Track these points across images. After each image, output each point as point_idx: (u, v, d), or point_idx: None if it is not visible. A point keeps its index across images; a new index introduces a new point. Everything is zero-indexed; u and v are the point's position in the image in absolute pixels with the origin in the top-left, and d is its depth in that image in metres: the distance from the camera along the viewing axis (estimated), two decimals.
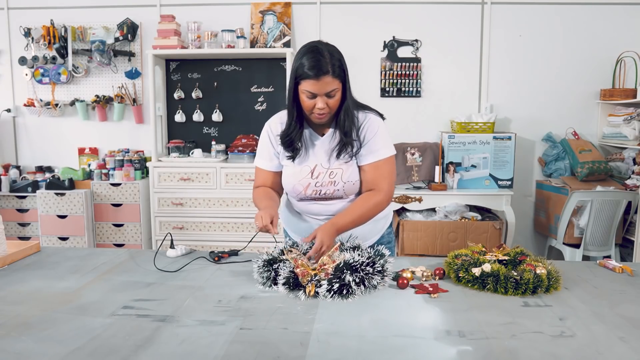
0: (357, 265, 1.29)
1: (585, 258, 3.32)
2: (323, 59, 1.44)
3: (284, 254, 1.38)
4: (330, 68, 1.44)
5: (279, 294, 1.28)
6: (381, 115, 1.64)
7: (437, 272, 1.42)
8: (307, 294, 1.26)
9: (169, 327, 1.08)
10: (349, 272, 1.27)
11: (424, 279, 1.40)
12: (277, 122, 1.64)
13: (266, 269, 1.35)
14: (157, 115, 3.74)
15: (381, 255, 1.39)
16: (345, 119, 1.54)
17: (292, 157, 1.60)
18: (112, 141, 4.03)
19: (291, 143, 1.58)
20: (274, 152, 1.65)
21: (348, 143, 1.55)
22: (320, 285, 1.26)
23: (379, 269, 1.33)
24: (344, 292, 1.25)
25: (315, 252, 1.39)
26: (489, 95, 3.82)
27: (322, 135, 1.61)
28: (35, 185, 3.73)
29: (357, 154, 1.58)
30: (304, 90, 1.47)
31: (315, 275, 1.29)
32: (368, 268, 1.30)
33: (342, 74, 1.48)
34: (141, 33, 3.91)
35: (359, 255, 1.34)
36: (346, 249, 1.42)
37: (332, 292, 1.24)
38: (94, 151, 4.05)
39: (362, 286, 1.28)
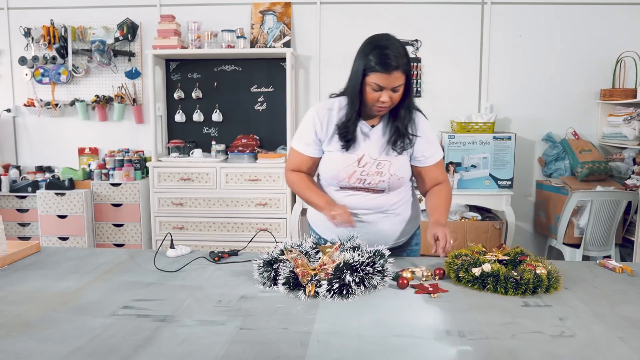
0: (357, 265, 1.29)
1: (585, 258, 3.32)
2: (394, 54, 1.45)
3: (284, 254, 1.38)
4: (402, 63, 1.46)
5: (279, 294, 1.28)
6: (424, 115, 1.68)
7: (437, 272, 1.42)
8: (307, 294, 1.26)
9: (169, 327, 1.08)
10: (349, 272, 1.27)
11: (423, 279, 1.40)
12: (325, 109, 1.63)
13: (266, 269, 1.35)
14: (157, 115, 3.74)
15: (381, 256, 1.39)
16: (406, 115, 1.57)
17: (347, 147, 1.60)
18: (112, 141, 4.03)
19: (347, 133, 1.58)
20: (317, 138, 1.63)
21: (405, 136, 1.58)
22: (320, 285, 1.26)
23: (379, 269, 1.33)
24: (344, 292, 1.25)
25: (443, 249, 1.45)
26: (489, 95, 3.82)
27: (372, 126, 1.62)
28: (35, 185, 3.73)
29: (412, 154, 1.62)
30: (371, 83, 1.48)
31: (315, 275, 1.29)
32: (368, 268, 1.30)
33: (409, 70, 1.50)
34: (141, 33, 3.91)
35: (359, 255, 1.34)
36: (346, 249, 1.42)
37: (332, 292, 1.24)
38: (94, 151, 4.05)
39: (362, 286, 1.28)
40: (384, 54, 1.45)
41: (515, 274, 1.29)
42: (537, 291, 1.27)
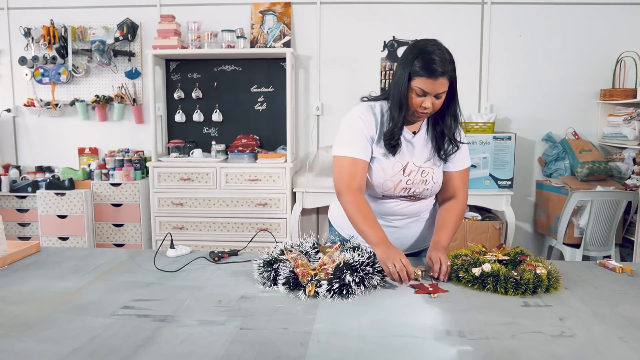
0: (357, 265, 1.29)
1: (585, 258, 3.32)
2: (441, 60, 1.44)
3: (283, 254, 1.38)
4: (447, 69, 1.44)
5: (279, 294, 1.28)
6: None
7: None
8: (307, 294, 1.26)
9: (169, 327, 1.08)
10: (349, 272, 1.27)
11: (415, 277, 1.40)
12: (369, 113, 1.56)
13: (266, 269, 1.35)
14: (157, 115, 3.74)
15: None
16: (451, 122, 1.55)
17: (392, 153, 1.55)
18: (112, 141, 4.03)
19: (392, 139, 1.54)
20: (369, 140, 1.55)
21: (454, 145, 1.57)
22: (320, 285, 1.26)
23: (379, 269, 1.33)
24: (344, 292, 1.25)
25: (439, 272, 1.39)
26: (489, 95, 3.82)
27: (414, 132, 1.60)
28: (35, 185, 3.73)
29: (450, 158, 1.61)
30: (415, 88, 1.45)
31: (315, 275, 1.29)
32: (368, 268, 1.30)
33: (454, 76, 1.47)
34: (141, 33, 3.91)
35: (359, 255, 1.34)
36: (346, 249, 1.42)
37: (332, 292, 1.24)
38: (94, 151, 4.06)
39: (362, 286, 1.27)
40: (430, 59, 1.43)
41: (515, 274, 1.29)
42: (537, 291, 1.27)
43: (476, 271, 1.32)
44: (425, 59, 1.44)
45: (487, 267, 1.32)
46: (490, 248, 1.50)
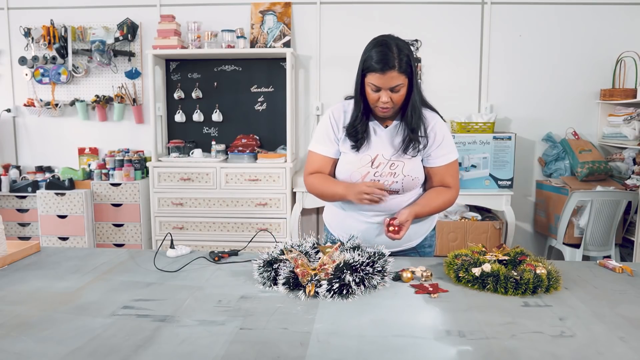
0: (357, 265, 1.29)
1: (585, 258, 3.32)
2: (391, 54, 1.45)
3: (283, 254, 1.38)
4: (397, 63, 1.45)
5: (279, 294, 1.28)
6: (441, 117, 1.66)
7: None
8: (307, 293, 1.26)
9: (169, 327, 1.08)
10: (349, 272, 1.27)
11: (423, 279, 1.40)
12: (341, 110, 1.65)
13: (266, 269, 1.35)
14: (157, 115, 3.75)
15: (381, 255, 1.39)
16: (412, 116, 1.56)
17: (357, 147, 1.60)
18: (112, 141, 4.03)
19: (356, 134, 1.59)
20: (334, 138, 1.65)
21: (414, 139, 1.57)
22: (320, 285, 1.26)
23: (379, 269, 1.33)
24: (344, 292, 1.25)
25: (400, 223, 1.48)
26: (489, 95, 3.82)
27: (386, 126, 1.62)
28: (35, 185, 3.73)
29: (424, 154, 1.61)
30: (369, 83, 1.49)
31: (315, 275, 1.29)
32: (368, 268, 1.30)
33: (408, 70, 1.48)
34: (141, 33, 3.91)
35: (359, 255, 1.34)
36: (346, 249, 1.42)
37: (332, 292, 1.24)
38: (94, 151, 4.06)
39: (362, 286, 1.27)
40: (379, 53, 1.46)
41: (515, 274, 1.29)
42: (537, 291, 1.27)
43: (476, 271, 1.32)
44: (375, 53, 1.47)
45: (487, 267, 1.32)
46: (490, 248, 1.50)
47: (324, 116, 1.69)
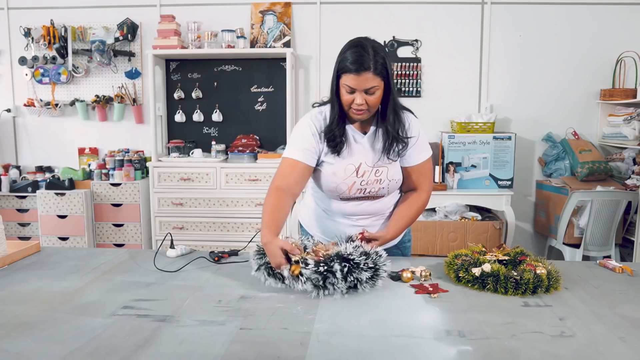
0: (348, 256, 1.28)
1: (585, 258, 3.32)
2: (366, 55, 1.43)
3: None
4: (372, 65, 1.43)
5: (279, 294, 1.28)
6: (413, 114, 1.64)
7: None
8: (290, 272, 1.25)
9: (169, 327, 1.08)
10: (338, 261, 1.27)
11: (423, 279, 1.40)
12: (320, 117, 1.58)
13: (259, 257, 1.35)
14: (157, 115, 3.74)
15: (378, 256, 1.37)
16: (394, 119, 1.53)
17: (337, 152, 1.56)
18: (112, 141, 4.03)
19: (334, 137, 1.55)
20: (314, 146, 1.55)
21: (400, 141, 1.55)
22: (307, 265, 1.25)
23: (370, 265, 1.31)
24: (329, 278, 1.24)
25: (370, 238, 1.45)
26: (489, 95, 3.82)
27: (365, 133, 1.60)
28: (35, 185, 3.73)
29: (403, 154, 1.59)
30: (344, 85, 1.47)
31: (304, 258, 1.28)
32: (361, 262, 1.29)
33: (384, 72, 1.46)
34: (141, 33, 3.91)
35: (354, 249, 1.33)
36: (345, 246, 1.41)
37: (316, 276, 1.24)
38: (94, 151, 4.05)
39: (349, 277, 1.26)
40: (354, 53, 1.44)
41: (515, 274, 1.29)
42: (537, 291, 1.27)
43: (476, 271, 1.32)
44: (349, 55, 1.45)
45: (487, 267, 1.32)
46: (490, 248, 1.50)
47: (304, 122, 1.59)
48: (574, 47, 3.74)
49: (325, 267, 1.25)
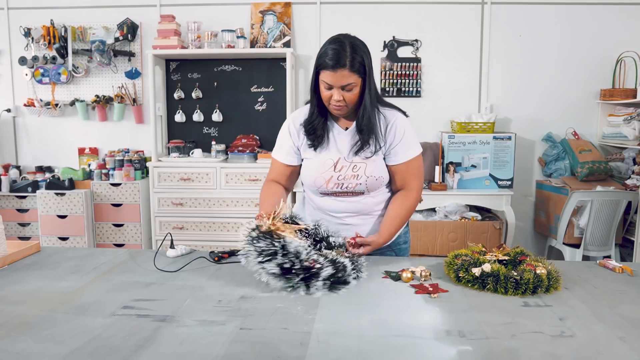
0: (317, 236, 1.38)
1: (585, 258, 3.32)
2: (343, 52, 1.44)
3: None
4: (349, 62, 1.44)
5: (279, 294, 1.28)
6: (404, 113, 1.64)
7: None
8: (264, 224, 1.34)
9: (169, 327, 1.08)
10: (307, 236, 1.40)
11: (423, 279, 1.40)
12: (301, 115, 1.65)
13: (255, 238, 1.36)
14: (157, 115, 3.74)
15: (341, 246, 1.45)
16: (363, 116, 1.54)
17: (314, 146, 1.60)
18: (112, 141, 4.03)
19: (314, 131, 1.59)
20: (292, 146, 1.65)
21: (365, 141, 1.56)
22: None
23: (339, 242, 1.43)
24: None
25: (360, 244, 1.48)
26: (489, 95, 3.82)
27: (346, 128, 1.62)
28: (35, 185, 3.73)
29: (385, 152, 1.59)
30: (322, 81, 1.49)
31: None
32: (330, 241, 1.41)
33: (361, 69, 1.47)
34: (141, 33, 3.91)
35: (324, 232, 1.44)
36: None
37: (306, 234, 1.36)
38: (94, 151, 4.06)
39: (322, 244, 1.38)
40: (331, 50, 1.45)
41: (515, 274, 1.29)
42: (537, 291, 1.27)
43: (476, 271, 1.32)
44: (327, 51, 1.47)
45: (487, 267, 1.32)
46: (490, 248, 1.50)
47: (285, 123, 1.68)
48: (574, 47, 3.74)
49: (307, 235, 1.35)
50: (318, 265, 1.29)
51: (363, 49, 1.49)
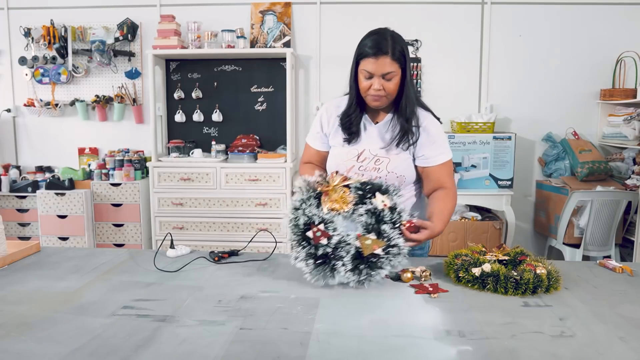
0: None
1: (585, 258, 3.32)
2: (384, 41, 1.48)
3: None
4: (390, 50, 1.47)
5: (279, 294, 1.28)
6: (438, 119, 1.66)
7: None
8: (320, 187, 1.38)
9: (169, 327, 1.08)
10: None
11: (423, 279, 1.40)
12: (334, 106, 1.68)
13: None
14: (157, 115, 3.75)
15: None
16: (406, 105, 1.56)
17: (349, 140, 1.63)
18: (112, 141, 4.03)
19: (349, 125, 1.61)
20: (322, 133, 1.70)
21: (409, 130, 1.57)
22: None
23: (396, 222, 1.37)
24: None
25: (420, 226, 1.43)
26: (489, 95, 3.82)
27: (376, 123, 1.64)
28: (35, 185, 3.73)
29: (418, 152, 1.60)
30: (362, 70, 1.51)
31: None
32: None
33: (402, 59, 1.50)
34: (141, 33, 3.91)
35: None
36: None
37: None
38: (94, 151, 4.06)
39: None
40: (373, 40, 1.49)
41: (515, 274, 1.29)
42: (537, 291, 1.27)
43: (476, 271, 1.32)
44: (368, 39, 1.51)
45: (487, 267, 1.32)
46: (490, 248, 1.50)
47: (320, 110, 1.74)
48: (574, 47, 3.74)
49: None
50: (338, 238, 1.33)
51: (403, 42, 1.53)
